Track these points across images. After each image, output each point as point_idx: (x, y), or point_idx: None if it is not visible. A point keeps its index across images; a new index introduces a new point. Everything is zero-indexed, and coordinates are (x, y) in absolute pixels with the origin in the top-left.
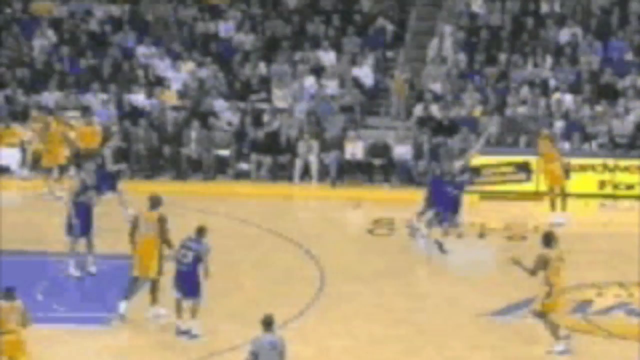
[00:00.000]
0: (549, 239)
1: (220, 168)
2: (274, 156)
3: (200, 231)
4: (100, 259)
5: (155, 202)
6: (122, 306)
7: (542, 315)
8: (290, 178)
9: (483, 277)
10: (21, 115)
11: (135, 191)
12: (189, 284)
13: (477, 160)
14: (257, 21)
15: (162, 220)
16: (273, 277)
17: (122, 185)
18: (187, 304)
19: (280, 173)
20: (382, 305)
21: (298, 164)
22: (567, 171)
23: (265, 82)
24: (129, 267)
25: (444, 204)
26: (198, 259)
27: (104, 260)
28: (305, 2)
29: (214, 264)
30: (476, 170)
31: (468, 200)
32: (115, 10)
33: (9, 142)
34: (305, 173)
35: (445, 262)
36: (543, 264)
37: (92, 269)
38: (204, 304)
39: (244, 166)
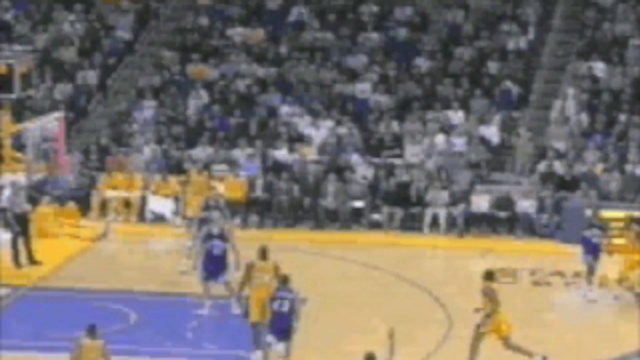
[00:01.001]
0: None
1: (355, 218)
2: (405, 208)
3: (285, 280)
4: None
5: (265, 252)
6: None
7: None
8: (420, 229)
9: (602, 324)
10: (176, 169)
11: (277, 239)
12: (287, 328)
13: (602, 214)
14: (391, 83)
15: (277, 269)
16: (402, 320)
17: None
18: (281, 346)
19: (411, 224)
20: (502, 351)
21: (427, 215)
22: None
23: (398, 139)
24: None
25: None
26: (293, 306)
27: None
28: (436, 65)
29: (348, 306)
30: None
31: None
32: (262, 72)
33: (164, 193)
34: (434, 224)
35: (567, 311)
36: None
37: (236, 310)
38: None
39: (377, 217)
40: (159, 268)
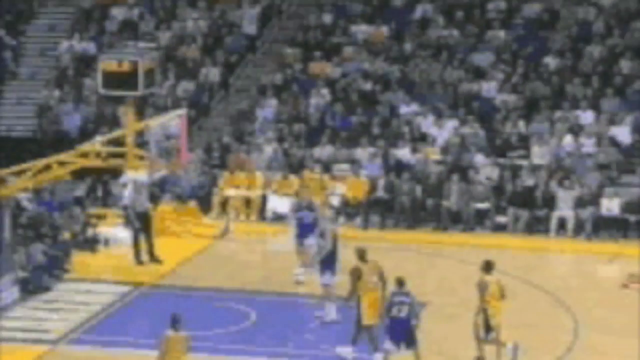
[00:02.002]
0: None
1: (478, 220)
2: (531, 210)
3: (401, 283)
4: None
5: (365, 253)
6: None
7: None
8: (546, 232)
9: None
10: (297, 168)
11: (398, 240)
12: (408, 334)
13: None
14: (519, 82)
15: (382, 272)
16: (527, 326)
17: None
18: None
19: (537, 227)
20: (633, 358)
21: (554, 218)
22: None
23: (524, 140)
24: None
25: None
26: (412, 310)
27: None
28: (566, 64)
29: (470, 310)
30: None
31: None
32: (385, 70)
33: (285, 192)
34: (561, 227)
35: None
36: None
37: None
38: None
39: (501, 219)
40: (279, 268)
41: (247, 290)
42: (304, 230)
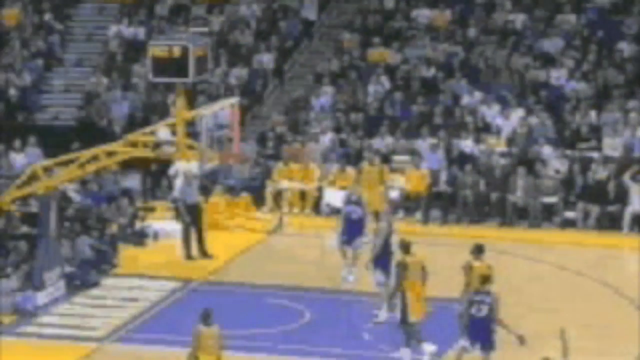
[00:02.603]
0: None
1: (546, 215)
2: (601, 205)
3: (485, 281)
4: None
5: (409, 246)
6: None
7: None
8: (618, 228)
9: None
10: (355, 159)
11: (461, 236)
12: (486, 335)
13: None
14: (590, 69)
15: (424, 265)
16: (600, 327)
17: None
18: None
19: (609, 223)
20: None
21: (628, 213)
22: None
23: (596, 130)
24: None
25: None
26: (492, 310)
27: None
28: None
29: (539, 310)
30: None
31: None
32: (447, 57)
33: (342, 184)
34: (635, 223)
35: None
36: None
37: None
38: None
39: (570, 215)
40: (335, 264)
41: (301, 287)
42: (352, 227)
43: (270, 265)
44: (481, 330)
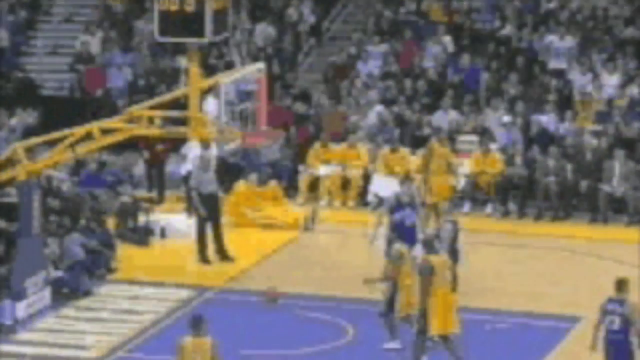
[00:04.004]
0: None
1: None
2: None
3: (620, 286)
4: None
5: (432, 243)
6: None
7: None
8: None
9: None
10: (410, 139)
11: (541, 235)
12: (622, 354)
13: None
14: None
15: (453, 266)
16: None
17: None
18: None
19: None
20: None
21: None
22: None
23: None
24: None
25: None
26: (627, 323)
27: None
28: None
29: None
30: None
31: None
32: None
33: (393, 170)
34: None
35: None
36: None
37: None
38: None
39: None
40: (381, 268)
41: (343, 297)
42: (406, 235)
43: (304, 269)
44: (614, 347)
